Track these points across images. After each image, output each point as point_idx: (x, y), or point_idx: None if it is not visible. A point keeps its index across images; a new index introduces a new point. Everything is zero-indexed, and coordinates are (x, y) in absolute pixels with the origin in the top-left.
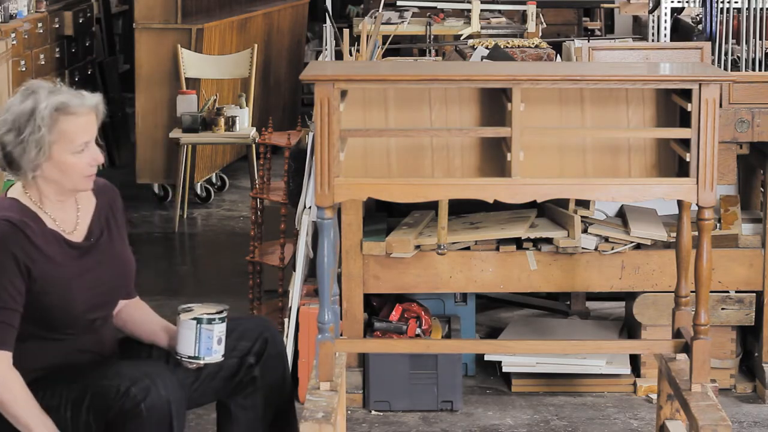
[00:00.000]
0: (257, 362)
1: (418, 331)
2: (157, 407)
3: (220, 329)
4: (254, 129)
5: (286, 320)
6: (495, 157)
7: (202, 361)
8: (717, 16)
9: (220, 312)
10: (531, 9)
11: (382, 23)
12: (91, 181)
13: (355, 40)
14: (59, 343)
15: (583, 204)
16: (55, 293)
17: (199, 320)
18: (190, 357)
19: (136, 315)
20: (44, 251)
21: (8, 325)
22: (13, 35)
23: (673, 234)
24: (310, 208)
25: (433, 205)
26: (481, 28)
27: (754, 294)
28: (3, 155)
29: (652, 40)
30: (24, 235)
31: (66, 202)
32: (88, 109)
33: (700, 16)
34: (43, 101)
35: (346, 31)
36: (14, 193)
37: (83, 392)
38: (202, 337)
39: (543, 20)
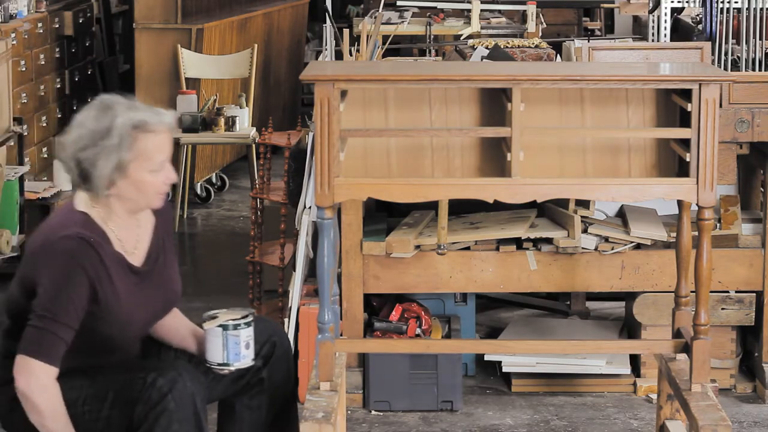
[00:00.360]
0: (265, 365)
1: (418, 331)
2: (185, 398)
3: (247, 334)
4: (254, 129)
5: (286, 320)
6: (495, 157)
7: (233, 367)
8: (717, 16)
9: (245, 317)
10: (531, 9)
11: (382, 23)
12: (163, 198)
13: (355, 40)
14: (94, 359)
15: (583, 204)
16: (114, 323)
17: (224, 327)
18: (219, 364)
19: (168, 320)
20: (111, 275)
21: (62, 340)
22: (13, 35)
23: (673, 234)
24: (310, 208)
25: (433, 205)
26: (481, 28)
27: (754, 294)
28: (78, 172)
29: (652, 40)
30: (96, 253)
31: (131, 219)
32: (165, 126)
33: (700, 16)
34: (120, 117)
35: (346, 31)
36: (82, 206)
37: (105, 388)
38: (230, 343)
39: (543, 20)
